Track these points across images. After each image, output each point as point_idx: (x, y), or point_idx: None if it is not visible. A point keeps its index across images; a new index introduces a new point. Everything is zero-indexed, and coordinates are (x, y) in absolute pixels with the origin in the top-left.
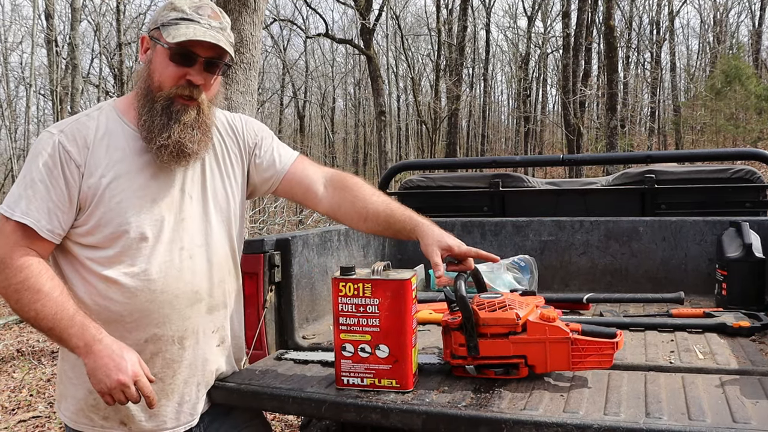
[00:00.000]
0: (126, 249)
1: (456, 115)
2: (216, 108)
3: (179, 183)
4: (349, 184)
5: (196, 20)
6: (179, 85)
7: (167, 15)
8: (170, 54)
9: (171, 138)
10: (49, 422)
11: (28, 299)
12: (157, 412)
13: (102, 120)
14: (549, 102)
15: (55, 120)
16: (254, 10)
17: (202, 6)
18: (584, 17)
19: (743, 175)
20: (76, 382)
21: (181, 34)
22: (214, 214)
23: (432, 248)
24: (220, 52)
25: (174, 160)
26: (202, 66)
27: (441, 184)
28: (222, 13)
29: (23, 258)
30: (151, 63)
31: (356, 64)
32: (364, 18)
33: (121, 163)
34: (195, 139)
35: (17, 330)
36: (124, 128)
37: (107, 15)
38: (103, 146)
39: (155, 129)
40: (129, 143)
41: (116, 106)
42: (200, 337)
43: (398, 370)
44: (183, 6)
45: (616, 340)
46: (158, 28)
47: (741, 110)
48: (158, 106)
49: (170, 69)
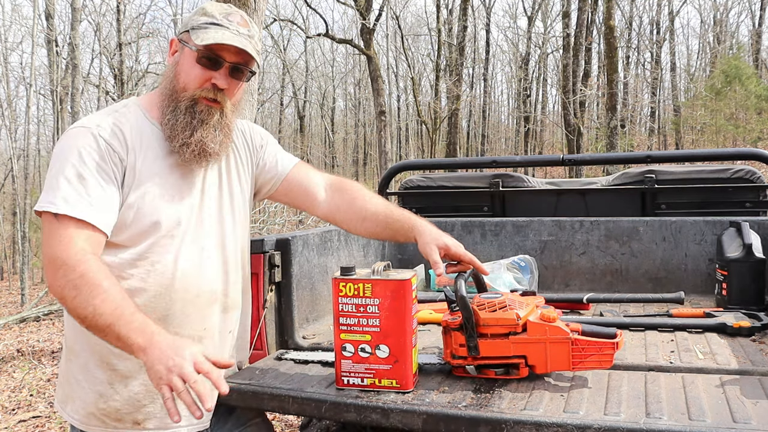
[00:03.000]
0: (151, 247)
1: (456, 115)
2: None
3: (200, 184)
4: (348, 187)
5: (225, 26)
6: (204, 87)
7: (198, 19)
8: (197, 57)
9: (193, 137)
10: (49, 422)
11: (87, 294)
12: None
13: (132, 117)
14: (549, 102)
15: (56, 120)
16: (254, 10)
17: (232, 13)
18: (584, 17)
19: (743, 175)
20: (85, 385)
21: (209, 37)
22: (230, 215)
23: (430, 246)
24: (246, 59)
25: (195, 159)
26: (227, 71)
27: (441, 184)
28: (251, 22)
29: (81, 254)
30: (178, 64)
31: (356, 64)
32: (364, 18)
33: (154, 163)
34: (217, 140)
35: (17, 330)
36: (152, 128)
37: (107, 15)
38: (138, 143)
39: (178, 127)
40: (159, 143)
41: (142, 105)
42: (216, 337)
43: (398, 370)
44: (214, 12)
45: (616, 340)
46: (188, 31)
47: (741, 110)
48: (182, 106)
49: (196, 71)
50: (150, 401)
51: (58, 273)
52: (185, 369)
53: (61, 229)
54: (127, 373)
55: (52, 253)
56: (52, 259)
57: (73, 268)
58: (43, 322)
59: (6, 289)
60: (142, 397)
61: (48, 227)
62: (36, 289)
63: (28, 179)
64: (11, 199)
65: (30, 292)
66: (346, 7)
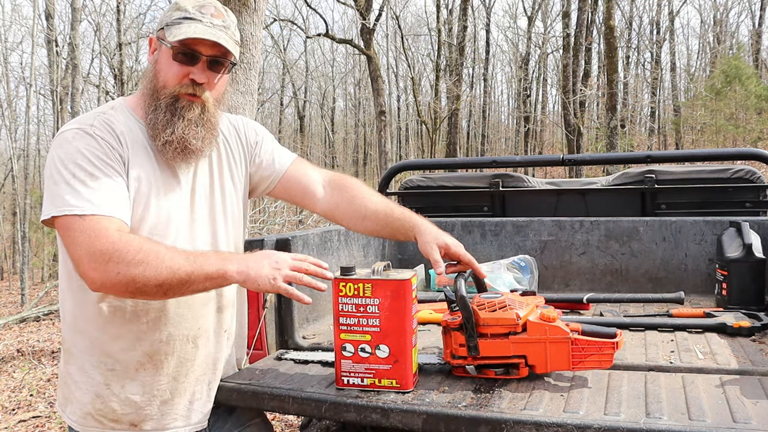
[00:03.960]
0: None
1: (456, 115)
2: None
3: (190, 183)
4: (348, 185)
5: (198, 19)
6: (183, 83)
7: (171, 15)
8: (173, 53)
9: (175, 134)
10: (49, 422)
11: (156, 261)
12: (168, 410)
13: (120, 117)
14: (549, 102)
15: (56, 120)
16: (254, 10)
17: (206, 5)
18: (584, 17)
19: (743, 175)
20: (82, 386)
21: (182, 32)
22: (221, 214)
23: (431, 245)
24: (223, 51)
25: (179, 157)
26: (205, 64)
27: (441, 184)
28: (226, 11)
29: (123, 235)
30: (157, 63)
31: (356, 64)
32: (364, 18)
33: (144, 162)
34: (199, 136)
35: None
36: (140, 127)
37: (107, 15)
38: (129, 142)
39: (159, 125)
40: (147, 142)
41: (128, 105)
42: (211, 336)
43: (398, 370)
44: (186, 6)
45: (616, 340)
46: (163, 28)
47: (741, 110)
48: (163, 104)
49: (174, 68)
50: (147, 403)
51: (110, 263)
52: (288, 260)
53: (92, 226)
54: (124, 374)
55: (92, 250)
56: (96, 255)
57: (125, 250)
58: (43, 322)
59: (6, 289)
60: (139, 399)
61: (75, 229)
62: (36, 289)
63: (28, 179)
64: (11, 199)
65: (30, 292)
66: (346, 7)
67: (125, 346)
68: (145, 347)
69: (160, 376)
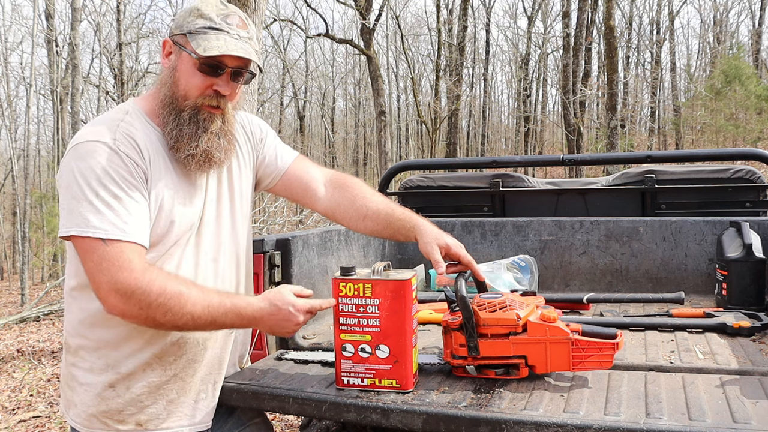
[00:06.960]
0: (160, 255)
1: (456, 115)
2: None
3: (212, 187)
4: (349, 184)
5: (225, 30)
6: (206, 95)
7: (194, 22)
8: (198, 64)
9: (199, 147)
10: (49, 422)
11: (177, 307)
12: (174, 409)
13: (139, 126)
14: (549, 102)
15: (56, 120)
16: (254, 10)
17: (230, 14)
18: (584, 17)
19: (743, 175)
20: (87, 387)
21: (212, 47)
22: (229, 218)
23: (431, 246)
24: (247, 62)
25: (201, 169)
26: (229, 76)
27: (441, 184)
28: (248, 21)
29: (146, 273)
30: (176, 71)
31: (356, 64)
32: (364, 18)
33: (166, 174)
34: (221, 148)
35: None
36: (158, 135)
37: (107, 15)
38: (151, 153)
39: (183, 138)
40: (166, 150)
41: (143, 110)
42: (219, 338)
43: (398, 371)
44: (211, 14)
45: (616, 340)
46: (185, 34)
47: (741, 110)
48: (185, 116)
49: (197, 79)
50: (152, 401)
51: (132, 300)
52: (299, 318)
53: (115, 254)
54: (130, 375)
55: (114, 280)
56: (118, 288)
57: (148, 290)
58: (43, 322)
59: (6, 289)
60: (144, 398)
61: (98, 253)
62: (36, 289)
63: (28, 179)
64: (11, 199)
65: (30, 292)
66: (346, 7)
67: (135, 349)
68: (155, 350)
69: (167, 376)
